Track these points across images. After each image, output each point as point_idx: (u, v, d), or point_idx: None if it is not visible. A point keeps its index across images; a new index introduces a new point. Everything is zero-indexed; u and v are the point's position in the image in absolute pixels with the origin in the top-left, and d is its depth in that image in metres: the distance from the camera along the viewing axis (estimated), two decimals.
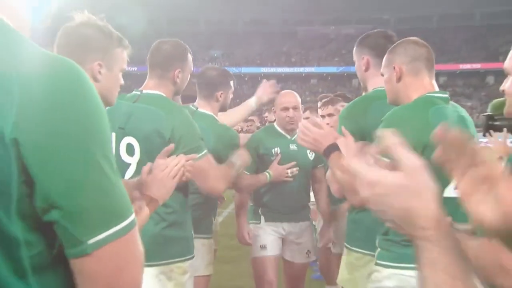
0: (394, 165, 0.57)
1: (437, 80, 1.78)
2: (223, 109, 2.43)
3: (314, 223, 3.46)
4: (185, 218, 1.92)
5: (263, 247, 2.60)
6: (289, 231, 2.69)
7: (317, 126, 1.79)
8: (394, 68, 1.60)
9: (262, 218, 2.67)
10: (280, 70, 47.37)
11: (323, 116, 3.02)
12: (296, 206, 2.72)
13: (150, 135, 1.73)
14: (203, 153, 1.78)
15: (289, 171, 2.53)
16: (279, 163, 2.55)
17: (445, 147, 0.60)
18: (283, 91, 2.88)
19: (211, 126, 2.22)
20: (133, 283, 0.66)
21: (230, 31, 52.88)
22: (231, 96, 2.48)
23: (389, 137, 0.57)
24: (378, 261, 1.62)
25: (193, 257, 1.95)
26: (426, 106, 1.51)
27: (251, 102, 2.82)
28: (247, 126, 6.79)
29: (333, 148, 1.67)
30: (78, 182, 0.58)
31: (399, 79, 1.59)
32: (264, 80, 2.96)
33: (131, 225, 0.63)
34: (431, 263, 0.56)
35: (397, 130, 0.64)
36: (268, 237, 2.63)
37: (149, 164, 1.36)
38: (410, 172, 0.56)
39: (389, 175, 0.57)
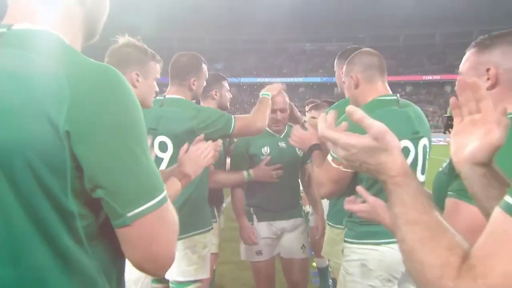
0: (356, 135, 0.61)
1: (403, 89, 1.74)
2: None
3: (303, 207, 2.99)
4: (203, 193, 1.91)
5: (258, 253, 2.27)
6: (282, 228, 2.32)
7: (303, 128, 1.81)
8: (351, 77, 1.58)
9: (255, 218, 2.30)
10: (273, 80, 46.76)
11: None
12: (288, 203, 2.35)
13: (180, 133, 1.73)
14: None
15: (274, 172, 2.21)
16: (270, 163, 2.21)
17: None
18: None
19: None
20: (168, 249, 0.68)
21: (231, 48, 52.60)
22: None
23: (356, 112, 0.60)
24: (345, 239, 1.62)
25: (212, 228, 1.97)
26: (373, 108, 1.46)
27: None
28: None
29: (315, 147, 1.69)
30: (116, 167, 0.60)
31: (356, 86, 1.57)
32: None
33: (162, 201, 0.65)
34: (402, 203, 0.58)
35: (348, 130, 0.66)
36: (263, 241, 2.26)
37: (186, 145, 1.39)
38: (378, 135, 0.58)
39: (361, 138, 0.60)
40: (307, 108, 3.29)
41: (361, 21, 49.49)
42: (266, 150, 2.30)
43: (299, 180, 2.55)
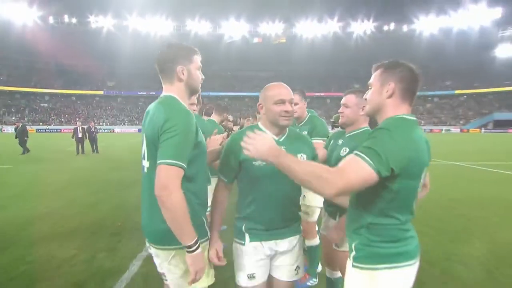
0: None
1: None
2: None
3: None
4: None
5: (251, 276, 1.69)
6: (277, 249, 1.72)
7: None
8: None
9: (247, 236, 1.69)
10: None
11: None
12: (287, 218, 1.72)
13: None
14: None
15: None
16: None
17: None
18: (272, 84, 1.73)
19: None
20: (174, 189, 1.31)
21: None
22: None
23: (254, 135, 1.34)
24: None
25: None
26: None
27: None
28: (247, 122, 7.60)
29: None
30: (167, 145, 1.35)
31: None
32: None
33: (176, 164, 1.32)
34: (288, 165, 1.22)
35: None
36: (256, 264, 1.69)
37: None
38: (263, 138, 1.31)
39: (258, 139, 1.32)
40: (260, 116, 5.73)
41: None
42: None
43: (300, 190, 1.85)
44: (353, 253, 1.33)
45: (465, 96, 64.85)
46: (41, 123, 53.44)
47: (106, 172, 9.55)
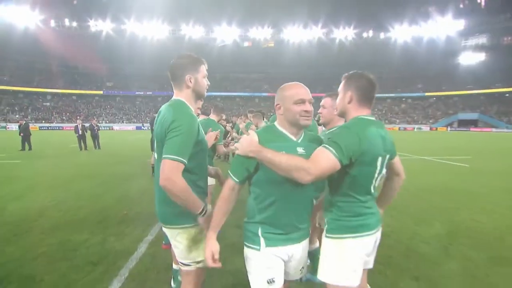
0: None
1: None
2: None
3: None
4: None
5: (271, 281, 1.47)
6: (293, 252, 1.53)
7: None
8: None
9: (262, 241, 1.48)
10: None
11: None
12: (303, 220, 1.55)
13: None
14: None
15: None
16: None
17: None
18: (289, 84, 1.54)
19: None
20: (176, 179, 1.40)
21: None
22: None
23: (248, 135, 1.44)
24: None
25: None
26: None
27: None
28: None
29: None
30: (172, 138, 1.43)
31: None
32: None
33: (178, 160, 1.40)
34: (270, 158, 1.31)
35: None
36: (274, 268, 1.48)
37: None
38: (246, 137, 1.41)
39: (242, 138, 1.41)
40: (251, 115, 5.13)
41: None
42: None
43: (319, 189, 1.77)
44: (326, 226, 1.54)
45: (434, 98, 66.29)
46: (43, 121, 52.10)
47: (108, 166, 9.53)
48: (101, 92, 65.20)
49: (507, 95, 58.24)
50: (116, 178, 7.60)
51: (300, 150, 1.47)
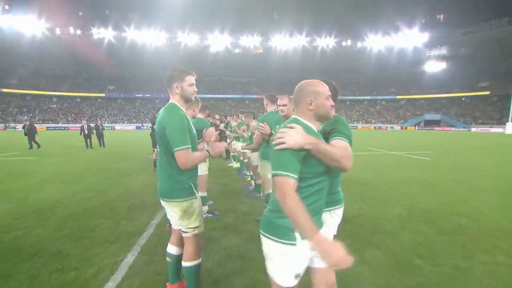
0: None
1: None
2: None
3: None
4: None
5: (297, 276, 1.34)
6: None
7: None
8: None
9: (298, 235, 1.28)
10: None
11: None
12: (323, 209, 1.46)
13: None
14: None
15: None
16: None
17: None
18: (315, 80, 1.43)
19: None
20: (188, 163, 1.73)
21: None
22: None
23: (290, 128, 1.27)
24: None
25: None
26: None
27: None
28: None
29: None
30: (171, 136, 1.74)
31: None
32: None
33: (183, 148, 1.71)
34: (325, 149, 1.22)
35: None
36: (305, 263, 1.36)
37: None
38: (296, 129, 1.23)
39: (289, 131, 1.23)
40: (242, 115, 5.46)
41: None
42: None
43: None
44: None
45: (404, 101, 67.70)
46: (50, 122, 50.74)
47: (113, 163, 9.48)
48: (103, 94, 63.79)
49: (463, 99, 60.20)
50: (120, 173, 7.60)
51: None
